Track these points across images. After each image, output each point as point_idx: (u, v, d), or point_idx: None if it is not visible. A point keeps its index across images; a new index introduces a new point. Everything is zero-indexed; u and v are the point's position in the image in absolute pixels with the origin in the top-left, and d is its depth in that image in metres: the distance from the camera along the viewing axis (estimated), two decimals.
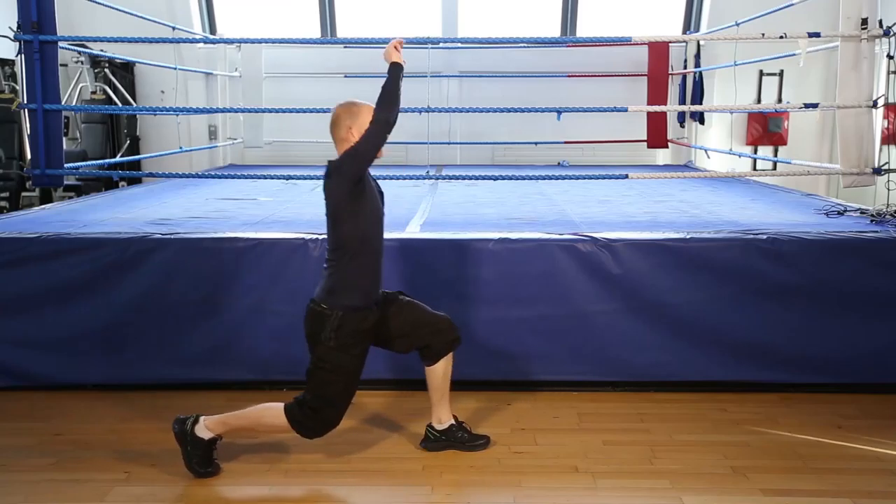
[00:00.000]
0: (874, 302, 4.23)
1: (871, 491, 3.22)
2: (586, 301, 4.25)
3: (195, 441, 3.32)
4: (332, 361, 3.26)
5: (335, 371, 3.26)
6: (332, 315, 3.24)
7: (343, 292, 3.27)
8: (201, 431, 3.33)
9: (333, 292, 3.28)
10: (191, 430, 3.33)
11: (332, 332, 3.23)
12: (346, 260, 3.28)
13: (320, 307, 3.27)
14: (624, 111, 5.71)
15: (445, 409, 3.57)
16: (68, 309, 4.28)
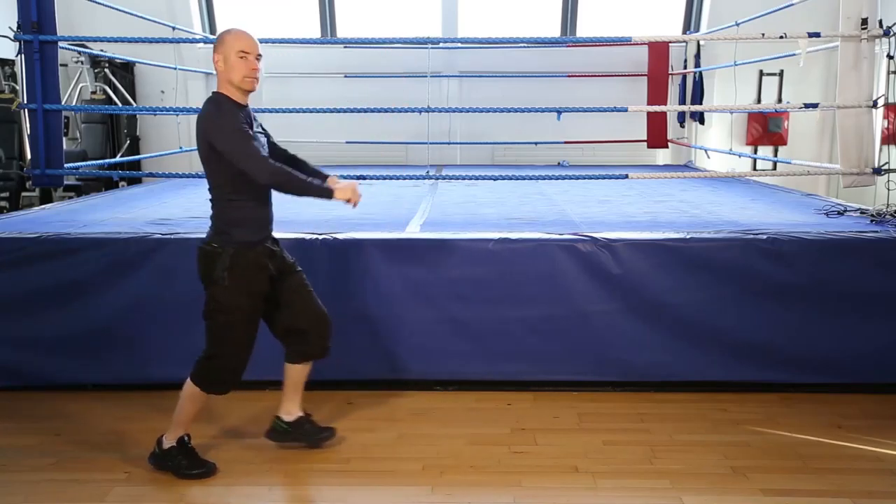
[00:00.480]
0: (874, 302, 4.23)
1: (871, 491, 3.22)
2: (586, 301, 4.24)
3: (166, 453, 3.36)
4: (228, 302, 3.20)
5: (232, 312, 3.21)
6: (223, 253, 3.18)
7: (231, 229, 3.21)
8: (166, 444, 3.35)
9: (221, 231, 3.23)
10: (158, 450, 3.38)
11: (224, 270, 3.18)
12: (229, 196, 3.21)
13: (210, 246, 3.22)
14: (624, 111, 5.71)
15: (296, 403, 3.57)
16: (68, 309, 4.28)
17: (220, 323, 3.24)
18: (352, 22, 9.91)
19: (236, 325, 3.25)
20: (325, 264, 4.25)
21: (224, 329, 3.25)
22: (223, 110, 3.15)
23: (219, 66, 3.17)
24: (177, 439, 3.36)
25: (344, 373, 4.30)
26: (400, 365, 4.31)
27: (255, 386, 4.28)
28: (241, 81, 3.16)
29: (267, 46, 10.02)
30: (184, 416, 3.36)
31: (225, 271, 3.19)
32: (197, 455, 3.38)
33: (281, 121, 9.21)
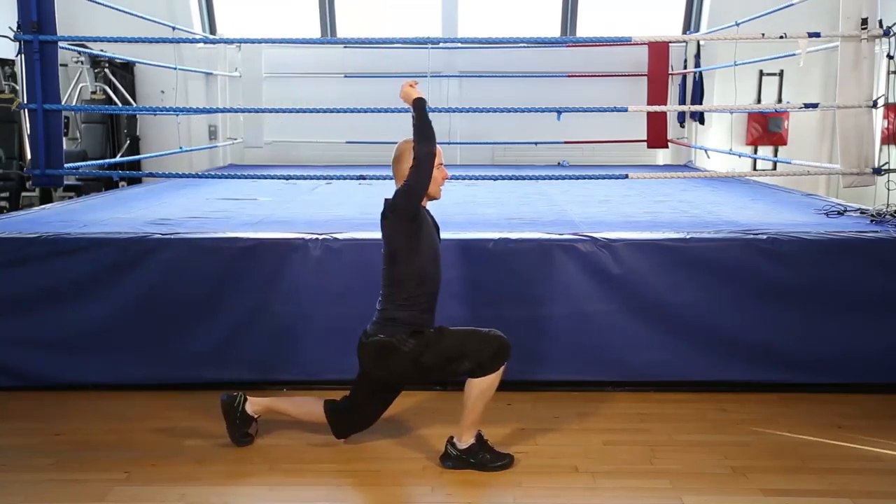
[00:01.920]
0: (874, 302, 4.23)
1: (871, 491, 3.22)
2: (586, 301, 4.24)
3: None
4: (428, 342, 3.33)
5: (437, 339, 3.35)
6: (394, 339, 3.32)
7: (396, 327, 3.34)
8: (463, 444, 3.40)
9: (387, 326, 3.35)
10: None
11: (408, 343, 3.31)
12: (403, 298, 3.34)
13: (378, 337, 3.35)
14: (624, 111, 5.71)
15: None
16: (68, 309, 4.28)
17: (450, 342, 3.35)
18: (352, 22, 9.91)
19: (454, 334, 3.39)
20: (325, 264, 4.26)
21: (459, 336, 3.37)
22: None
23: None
24: (475, 437, 3.40)
25: (344, 373, 4.30)
26: None
27: (258, 386, 4.29)
28: (436, 191, 3.42)
29: (267, 46, 10.10)
30: (477, 414, 3.39)
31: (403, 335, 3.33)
32: (495, 449, 3.43)
33: (281, 121, 9.30)
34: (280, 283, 4.26)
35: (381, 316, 3.40)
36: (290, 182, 6.96)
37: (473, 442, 3.39)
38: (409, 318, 3.35)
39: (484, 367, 3.30)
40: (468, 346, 3.32)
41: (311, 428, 3.69)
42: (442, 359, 3.35)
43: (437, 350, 3.34)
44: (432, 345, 3.34)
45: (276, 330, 4.27)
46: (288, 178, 6.07)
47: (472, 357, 3.30)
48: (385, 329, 3.36)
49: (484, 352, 3.30)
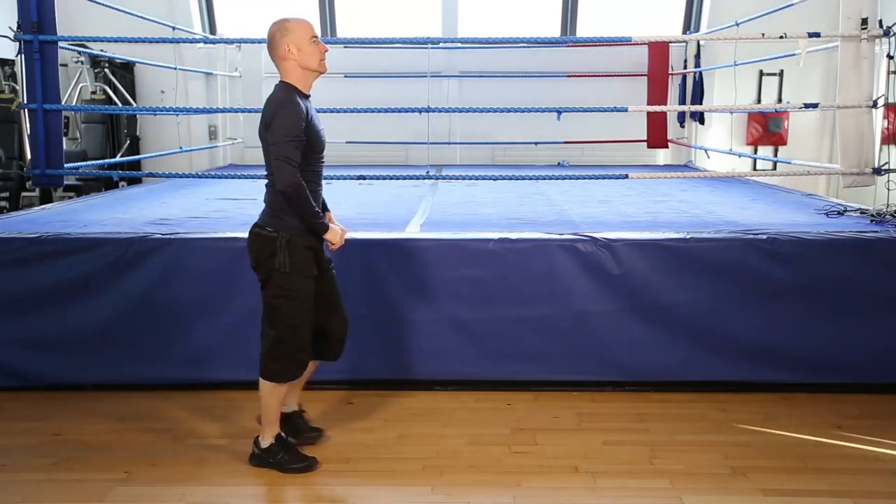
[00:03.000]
0: (874, 302, 4.23)
1: (871, 491, 3.22)
2: (586, 301, 4.24)
3: (269, 451, 3.39)
4: (290, 286, 3.23)
5: (295, 296, 3.24)
6: (279, 237, 3.20)
7: (286, 215, 3.22)
8: (264, 442, 3.39)
9: (276, 215, 3.24)
10: (259, 450, 3.41)
11: (284, 255, 3.20)
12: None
13: (265, 230, 3.23)
14: (624, 111, 5.71)
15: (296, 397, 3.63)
16: (68, 309, 4.28)
17: (284, 307, 3.26)
18: (352, 22, 9.91)
19: (301, 307, 3.28)
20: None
21: (289, 312, 3.27)
22: (292, 105, 3.17)
23: (290, 55, 3.20)
24: (274, 437, 3.39)
25: (344, 373, 4.30)
26: (400, 365, 4.31)
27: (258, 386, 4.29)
28: (319, 65, 3.26)
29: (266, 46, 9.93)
30: (272, 414, 3.38)
31: (285, 256, 3.21)
32: (297, 450, 3.42)
33: None
34: None
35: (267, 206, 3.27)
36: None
37: (273, 443, 3.39)
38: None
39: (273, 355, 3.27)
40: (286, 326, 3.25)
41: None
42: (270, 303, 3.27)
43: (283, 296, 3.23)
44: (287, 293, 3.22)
45: None
46: None
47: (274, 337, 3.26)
48: (273, 221, 3.23)
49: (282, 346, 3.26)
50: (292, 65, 3.23)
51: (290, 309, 3.27)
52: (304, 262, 3.26)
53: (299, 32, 3.21)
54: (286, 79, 3.26)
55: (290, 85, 3.25)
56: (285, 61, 3.24)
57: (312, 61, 3.24)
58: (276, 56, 3.26)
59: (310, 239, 3.28)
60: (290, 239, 3.21)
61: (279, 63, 3.27)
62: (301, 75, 3.25)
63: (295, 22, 3.25)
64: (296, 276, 3.24)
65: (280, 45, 3.22)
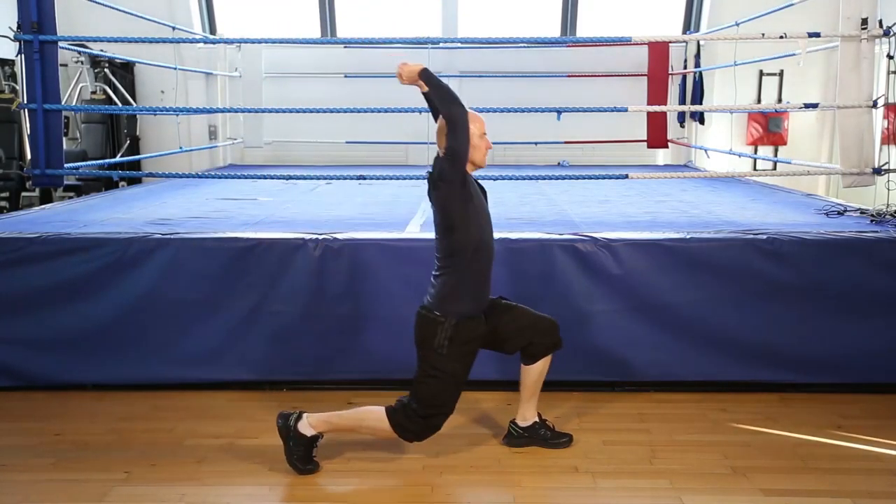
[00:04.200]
0: (874, 302, 4.23)
1: (871, 491, 3.22)
2: (586, 301, 4.25)
3: (298, 437, 3.35)
4: (445, 369, 3.27)
5: (447, 378, 3.28)
6: (446, 323, 3.25)
7: (456, 300, 3.28)
8: (304, 428, 3.36)
9: (446, 300, 3.28)
10: (294, 427, 3.35)
11: (445, 339, 3.25)
12: (460, 267, 3.27)
13: (433, 314, 3.28)
14: (624, 111, 5.71)
15: (532, 407, 3.60)
16: (68, 309, 4.28)
17: (434, 388, 3.29)
18: (352, 22, 9.91)
19: (447, 389, 3.31)
20: (325, 264, 4.25)
21: (436, 392, 3.30)
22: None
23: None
24: (317, 433, 3.37)
25: (344, 373, 4.31)
26: (400, 365, 4.30)
27: (258, 386, 4.29)
28: (481, 160, 3.37)
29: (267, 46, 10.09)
30: (346, 427, 3.41)
31: (446, 340, 3.25)
32: (312, 454, 3.39)
33: (281, 121, 9.30)
34: (280, 283, 4.26)
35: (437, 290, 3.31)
36: (290, 182, 6.96)
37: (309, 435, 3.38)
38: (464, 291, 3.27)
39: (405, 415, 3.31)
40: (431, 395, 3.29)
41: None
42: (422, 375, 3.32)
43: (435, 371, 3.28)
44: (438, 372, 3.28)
45: (276, 330, 4.27)
46: (288, 178, 6.07)
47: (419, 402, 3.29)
48: (441, 304, 3.28)
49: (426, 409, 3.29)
50: None
51: (438, 389, 3.29)
52: (463, 348, 3.29)
53: (473, 126, 3.25)
54: None
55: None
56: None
57: (477, 155, 3.32)
58: (442, 143, 3.26)
59: (476, 323, 3.32)
60: (455, 324, 3.26)
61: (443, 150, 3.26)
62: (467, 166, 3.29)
63: (472, 115, 3.28)
64: (451, 360, 3.28)
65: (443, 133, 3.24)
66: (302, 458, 3.36)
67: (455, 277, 3.27)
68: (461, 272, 3.27)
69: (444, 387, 3.29)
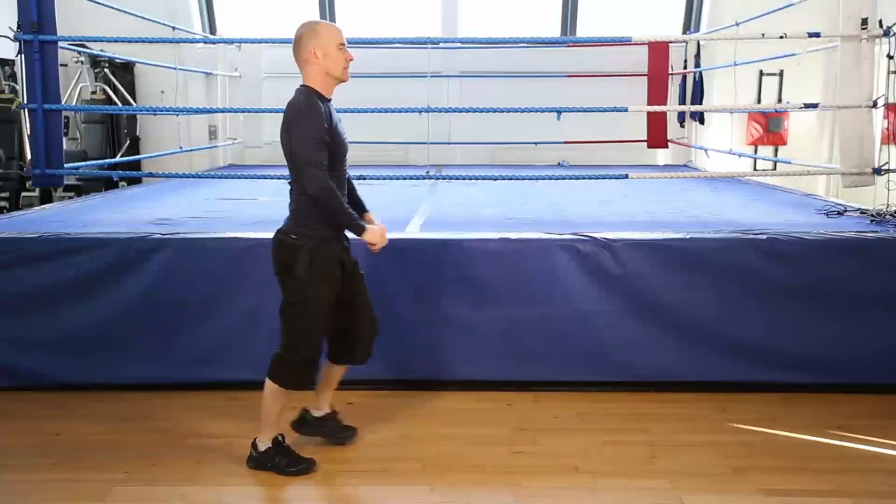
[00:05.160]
0: (874, 302, 4.23)
1: (871, 491, 3.22)
2: (586, 301, 4.24)
3: (265, 454, 3.38)
4: (308, 295, 3.24)
5: (312, 305, 3.24)
6: (304, 246, 3.21)
7: (311, 222, 3.23)
8: (262, 445, 3.38)
9: (301, 223, 3.25)
10: (257, 451, 3.40)
11: (306, 264, 3.20)
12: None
13: (289, 237, 3.24)
14: (624, 111, 5.71)
15: (328, 400, 3.64)
16: (69, 309, 4.28)
17: (299, 316, 3.27)
18: (352, 22, 9.90)
19: (316, 318, 3.28)
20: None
21: (304, 322, 3.27)
22: (313, 109, 3.17)
23: (315, 59, 3.19)
24: (272, 440, 3.38)
25: None
26: (400, 365, 4.31)
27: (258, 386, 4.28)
28: (342, 73, 3.26)
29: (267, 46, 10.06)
30: (272, 416, 3.37)
31: (307, 264, 3.21)
32: (294, 453, 3.41)
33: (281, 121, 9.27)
34: None
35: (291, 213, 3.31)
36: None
37: (270, 446, 3.38)
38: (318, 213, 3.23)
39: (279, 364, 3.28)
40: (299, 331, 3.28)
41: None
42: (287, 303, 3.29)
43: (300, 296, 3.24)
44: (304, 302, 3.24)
45: (276, 330, 4.25)
46: None
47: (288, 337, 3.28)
48: (297, 229, 3.25)
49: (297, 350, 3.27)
50: (316, 69, 3.22)
51: (305, 314, 3.27)
52: (324, 272, 3.26)
53: (327, 38, 3.21)
54: (308, 82, 3.26)
55: (311, 88, 3.24)
56: (309, 65, 3.23)
57: (336, 68, 3.24)
58: (300, 58, 3.25)
59: (334, 247, 3.30)
60: (312, 247, 3.22)
61: (302, 66, 3.25)
62: (323, 80, 3.25)
63: (324, 26, 3.25)
64: (313, 285, 3.24)
65: (306, 47, 3.21)
66: (290, 462, 3.37)
67: (308, 201, 3.22)
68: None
69: (312, 315, 3.26)
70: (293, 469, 3.36)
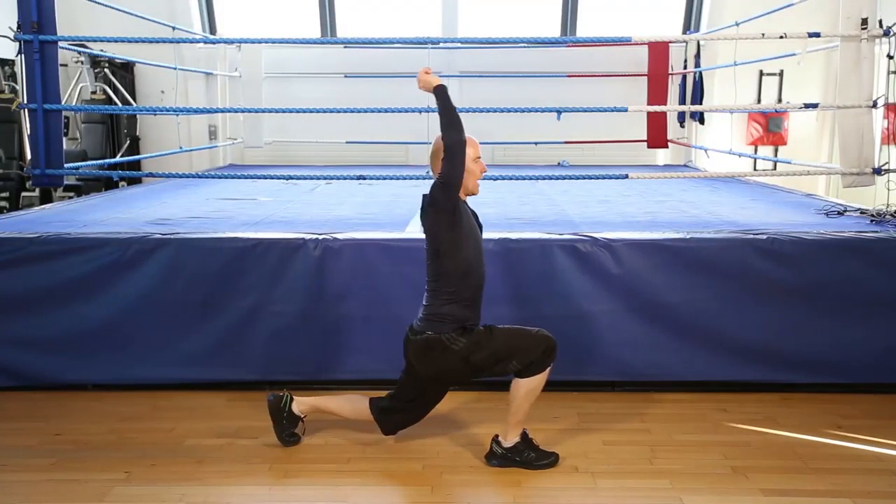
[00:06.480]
0: (874, 302, 4.23)
1: (871, 491, 3.22)
2: (586, 301, 4.24)
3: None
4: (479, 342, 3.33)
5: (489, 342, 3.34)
6: (443, 336, 3.30)
7: (443, 323, 3.32)
8: (508, 442, 3.42)
9: (434, 322, 3.33)
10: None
11: (459, 339, 3.30)
12: (449, 292, 3.32)
13: (425, 334, 3.33)
14: (624, 111, 5.71)
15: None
16: (68, 309, 4.28)
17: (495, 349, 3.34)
18: (352, 22, 9.91)
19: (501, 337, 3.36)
20: (325, 264, 4.26)
21: (500, 346, 3.34)
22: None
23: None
24: (520, 435, 3.42)
25: (344, 373, 4.31)
26: (400, 365, 4.29)
27: (258, 386, 4.29)
28: (475, 187, 3.39)
29: (267, 46, 10.08)
30: (522, 414, 3.41)
31: (461, 339, 3.30)
32: (540, 448, 3.45)
33: (281, 121, 9.30)
34: (280, 283, 4.26)
35: (427, 311, 3.37)
36: (290, 182, 6.96)
37: (518, 440, 3.42)
38: (455, 313, 3.33)
39: (531, 368, 3.31)
40: (517, 347, 3.33)
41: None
42: (491, 359, 3.34)
43: (488, 350, 3.33)
44: (483, 344, 3.33)
45: (276, 330, 4.27)
46: (288, 178, 6.08)
47: (520, 357, 3.31)
48: (433, 325, 3.33)
49: (532, 352, 3.31)
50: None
51: (497, 344, 3.34)
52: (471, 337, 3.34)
53: (470, 149, 3.28)
54: None
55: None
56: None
57: (471, 181, 3.34)
58: (434, 168, 3.32)
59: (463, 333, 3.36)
60: (449, 337, 3.31)
61: (436, 174, 3.30)
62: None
63: (468, 139, 3.29)
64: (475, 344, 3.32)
65: (439, 155, 3.26)
66: (539, 456, 3.42)
67: (444, 301, 3.32)
68: (450, 296, 3.32)
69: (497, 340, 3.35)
70: (544, 462, 3.40)
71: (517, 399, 3.36)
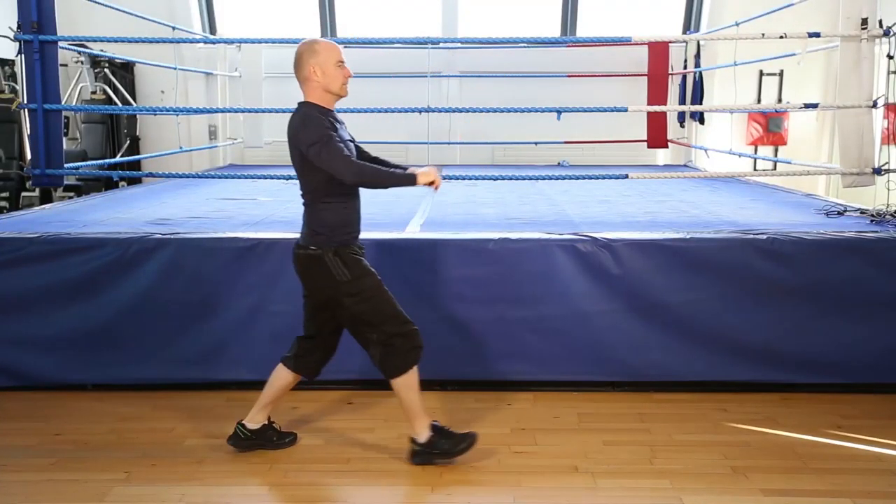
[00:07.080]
0: (874, 302, 4.23)
1: (871, 491, 3.22)
2: (586, 301, 4.24)
3: (430, 443, 3.40)
4: (362, 286, 3.30)
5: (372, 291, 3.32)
6: (325, 253, 3.28)
7: (327, 231, 3.30)
8: (421, 437, 3.40)
9: (317, 233, 3.31)
10: (421, 445, 3.41)
11: (339, 266, 3.27)
12: (324, 201, 3.32)
13: (310, 250, 3.30)
14: (624, 111, 5.71)
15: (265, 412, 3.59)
16: (68, 309, 4.28)
17: (365, 302, 3.31)
18: (352, 22, 9.91)
19: (383, 296, 3.34)
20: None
21: (372, 304, 3.32)
22: (311, 119, 3.25)
23: (315, 76, 3.26)
24: (429, 428, 3.41)
25: (344, 373, 4.30)
26: None
27: (258, 386, 4.28)
28: (340, 89, 3.33)
29: (267, 46, 10.07)
30: (416, 407, 3.39)
31: (343, 268, 3.28)
32: (454, 432, 3.44)
33: (281, 121, 9.27)
34: (280, 283, 4.25)
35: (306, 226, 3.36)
36: (289, 182, 6.91)
37: (431, 434, 3.40)
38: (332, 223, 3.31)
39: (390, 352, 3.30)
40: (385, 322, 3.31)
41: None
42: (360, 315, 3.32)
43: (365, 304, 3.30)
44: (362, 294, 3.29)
45: (276, 330, 4.26)
46: (288, 178, 6.03)
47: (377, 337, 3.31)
48: (315, 239, 3.31)
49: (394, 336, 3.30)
50: (315, 86, 3.29)
51: (375, 305, 3.32)
52: (358, 263, 3.34)
53: (326, 55, 3.27)
54: (308, 99, 3.32)
55: (311, 103, 3.31)
56: (309, 82, 3.29)
57: (335, 84, 3.30)
58: (300, 76, 3.31)
59: (353, 248, 3.36)
60: (335, 251, 3.29)
61: (303, 83, 3.32)
62: (323, 96, 3.31)
63: (323, 44, 3.31)
64: (360, 277, 3.31)
65: (306, 65, 3.27)
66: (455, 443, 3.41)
67: (322, 212, 3.31)
68: (327, 207, 3.32)
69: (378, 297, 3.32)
70: (462, 446, 3.40)
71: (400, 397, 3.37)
